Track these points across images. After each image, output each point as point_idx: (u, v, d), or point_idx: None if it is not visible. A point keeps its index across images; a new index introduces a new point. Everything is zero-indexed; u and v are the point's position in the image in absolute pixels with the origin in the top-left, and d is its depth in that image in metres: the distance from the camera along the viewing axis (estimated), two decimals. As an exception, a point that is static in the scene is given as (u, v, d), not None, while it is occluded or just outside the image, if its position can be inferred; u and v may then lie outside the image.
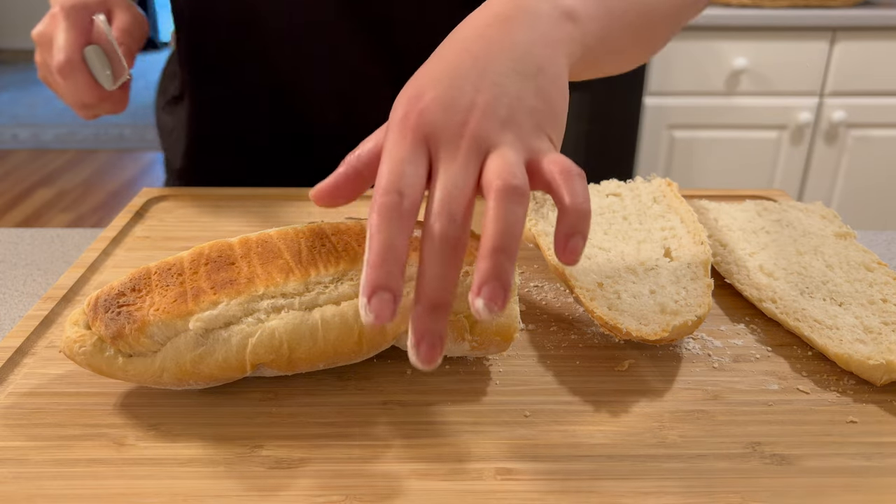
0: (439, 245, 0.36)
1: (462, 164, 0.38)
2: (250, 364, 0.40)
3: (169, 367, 0.39)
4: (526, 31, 0.43)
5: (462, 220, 0.37)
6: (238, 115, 0.79)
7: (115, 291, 0.41)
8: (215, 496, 0.35)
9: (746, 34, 1.79)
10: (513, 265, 0.35)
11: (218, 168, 0.82)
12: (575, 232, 0.37)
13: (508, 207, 0.36)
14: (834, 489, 0.36)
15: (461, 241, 0.36)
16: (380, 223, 0.36)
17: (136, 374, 0.40)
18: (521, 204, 0.37)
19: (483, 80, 0.40)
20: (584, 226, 0.37)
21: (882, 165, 1.92)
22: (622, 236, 0.54)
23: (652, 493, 0.35)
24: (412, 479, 0.36)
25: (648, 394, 0.42)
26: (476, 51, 0.42)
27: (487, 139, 0.39)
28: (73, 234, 0.68)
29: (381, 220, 0.36)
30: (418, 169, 0.38)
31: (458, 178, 0.38)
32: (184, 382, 0.40)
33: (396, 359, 0.45)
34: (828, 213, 0.60)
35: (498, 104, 0.40)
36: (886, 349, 0.43)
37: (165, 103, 0.87)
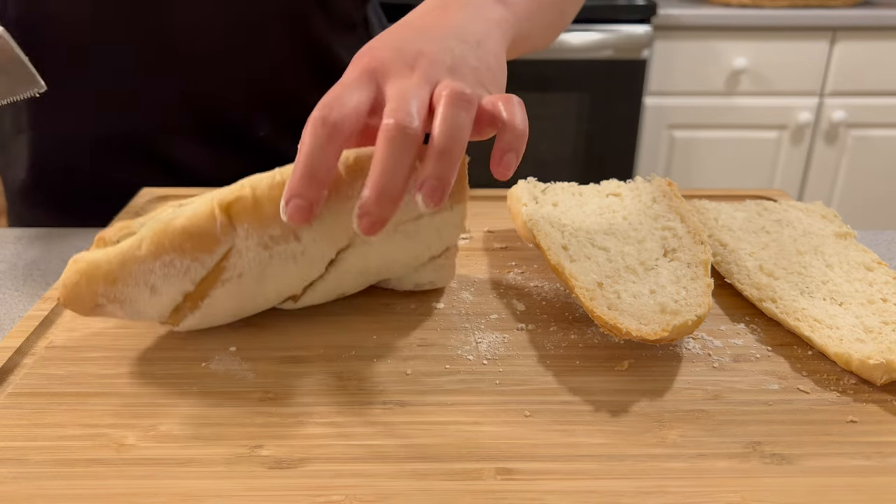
0: (392, 134, 0.39)
1: (415, 83, 0.42)
2: (219, 209, 0.41)
3: (146, 235, 0.41)
4: (464, 12, 0.48)
5: (417, 117, 0.40)
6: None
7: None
8: (215, 496, 0.35)
9: (746, 34, 1.79)
10: (455, 167, 0.40)
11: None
12: (510, 149, 0.41)
13: (455, 112, 0.40)
14: (834, 489, 0.36)
15: (414, 137, 0.40)
16: (305, 136, 0.40)
17: (118, 257, 0.41)
18: (468, 111, 0.40)
19: (429, 42, 0.45)
20: (519, 144, 0.41)
21: (882, 165, 1.93)
22: (622, 236, 0.54)
23: (652, 493, 0.35)
24: (412, 479, 0.36)
25: (648, 393, 0.42)
26: (420, 25, 0.46)
27: (436, 76, 0.43)
28: (73, 234, 0.68)
29: (306, 133, 0.40)
30: (360, 94, 0.42)
31: (411, 88, 0.42)
32: (161, 252, 0.41)
33: (396, 359, 0.45)
34: (828, 212, 0.60)
35: (444, 56, 0.44)
36: (886, 349, 0.43)
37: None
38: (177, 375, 0.44)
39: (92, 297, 0.43)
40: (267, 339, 0.47)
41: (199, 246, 0.42)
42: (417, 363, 0.45)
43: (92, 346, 0.46)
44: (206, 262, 0.42)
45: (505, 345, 0.47)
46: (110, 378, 0.43)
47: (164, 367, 0.44)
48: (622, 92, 1.83)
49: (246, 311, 0.47)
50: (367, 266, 0.48)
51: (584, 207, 0.58)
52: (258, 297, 0.46)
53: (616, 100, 1.84)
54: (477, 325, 0.49)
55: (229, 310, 0.46)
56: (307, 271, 0.46)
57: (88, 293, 0.43)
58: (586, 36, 1.76)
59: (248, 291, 0.45)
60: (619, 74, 1.80)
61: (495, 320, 0.50)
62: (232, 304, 0.45)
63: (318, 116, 0.40)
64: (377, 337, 0.48)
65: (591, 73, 1.80)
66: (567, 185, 0.61)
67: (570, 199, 0.59)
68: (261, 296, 0.46)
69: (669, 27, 1.78)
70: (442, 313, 0.51)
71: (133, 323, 0.49)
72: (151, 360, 0.45)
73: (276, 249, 0.43)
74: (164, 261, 0.41)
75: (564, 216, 0.56)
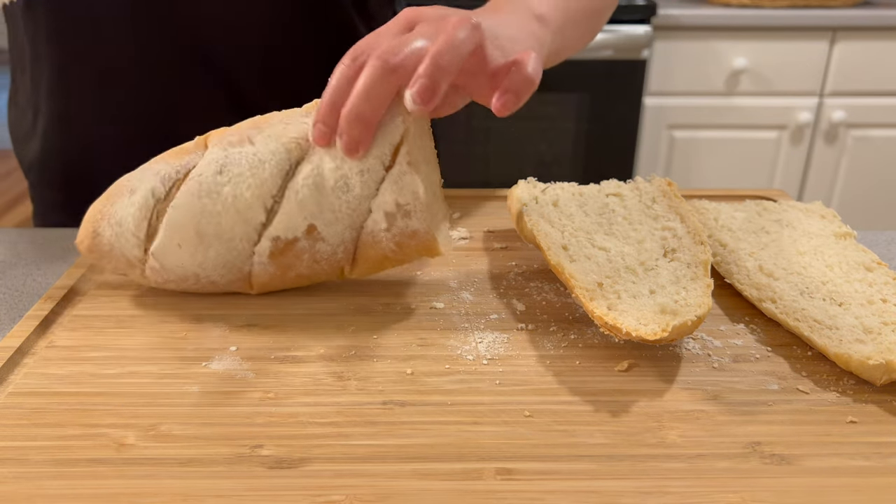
0: (374, 63, 0.44)
1: (427, 32, 0.45)
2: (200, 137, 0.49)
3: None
4: (508, 15, 0.51)
5: (402, 60, 0.44)
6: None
7: None
8: (215, 496, 0.35)
9: (746, 34, 1.79)
10: (446, 78, 0.43)
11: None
12: (514, 89, 0.45)
13: (459, 31, 0.44)
14: (834, 489, 0.36)
15: (394, 69, 0.44)
16: (334, 76, 0.46)
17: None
18: (472, 36, 0.44)
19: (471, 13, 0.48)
20: (523, 87, 0.45)
21: (882, 165, 1.93)
22: (622, 236, 0.54)
23: (652, 493, 0.35)
24: (412, 479, 0.36)
25: (648, 394, 0.42)
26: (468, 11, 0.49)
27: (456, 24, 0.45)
28: (73, 235, 0.68)
29: (334, 75, 0.46)
30: (390, 39, 0.46)
31: (417, 37, 0.45)
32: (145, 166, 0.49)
33: (396, 359, 0.45)
34: (827, 213, 0.60)
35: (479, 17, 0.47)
36: (886, 349, 0.43)
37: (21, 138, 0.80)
38: (177, 375, 0.44)
39: (92, 219, 0.50)
40: (267, 339, 0.47)
41: (173, 155, 0.50)
42: (417, 363, 0.45)
43: (92, 346, 0.46)
44: (175, 166, 0.49)
45: (505, 345, 0.47)
46: (110, 378, 0.43)
47: (164, 367, 0.44)
48: (622, 92, 1.83)
49: (206, 233, 0.48)
50: (324, 181, 0.47)
51: (584, 207, 0.58)
52: (217, 204, 0.47)
53: (616, 100, 1.84)
54: (477, 325, 0.49)
55: (191, 221, 0.48)
56: (259, 175, 0.47)
57: (91, 215, 0.50)
58: (586, 36, 1.76)
59: (206, 193, 0.47)
60: (619, 74, 1.80)
61: (495, 320, 0.50)
62: (193, 213, 0.48)
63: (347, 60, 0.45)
64: (377, 337, 0.48)
65: (591, 73, 1.80)
66: (567, 185, 0.61)
67: (570, 199, 0.59)
68: (220, 203, 0.47)
69: (669, 27, 1.78)
70: (442, 313, 0.51)
71: (133, 322, 0.49)
72: (151, 360, 0.45)
73: (232, 151, 0.48)
74: (143, 169, 0.50)
75: (564, 216, 0.56)
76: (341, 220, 0.48)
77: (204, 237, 0.48)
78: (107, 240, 0.49)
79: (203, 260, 0.49)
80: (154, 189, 0.48)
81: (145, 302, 0.52)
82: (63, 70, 0.70)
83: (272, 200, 0.48)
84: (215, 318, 0.50)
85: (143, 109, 0.72)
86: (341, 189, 0.47)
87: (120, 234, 0.49)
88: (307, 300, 0.52)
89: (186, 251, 0.48)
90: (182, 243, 0.48)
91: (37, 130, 0.75)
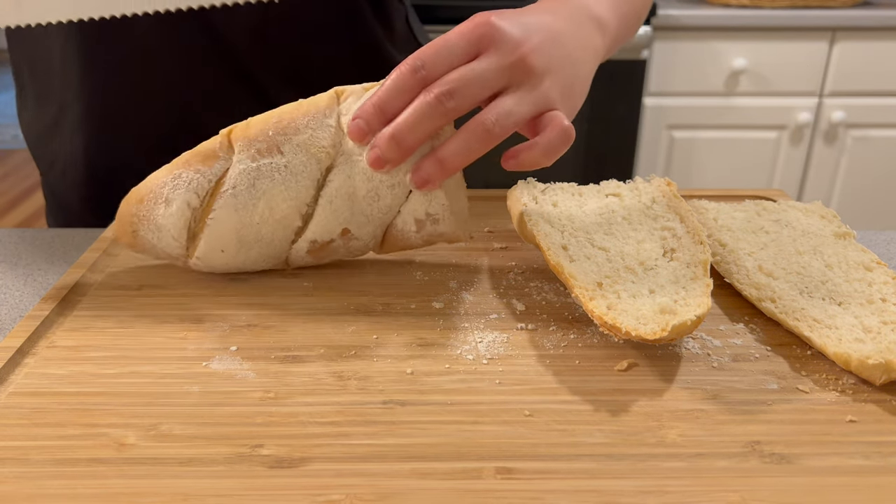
0: (433, 100, 0.45)
1: (494, 71, 0.46)
2: (222, 134, 0.50)
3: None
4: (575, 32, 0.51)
5: (464, 99, 0.45)
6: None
7: None
8: (215, 496, 0.35)
9: (746, 34, 1.79)
10: (449, 174, 0.47)
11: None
12: (529, 156, 0.47)
13: (473, 140, 0.46)
14: (833, 488, 0.36)
15: (446, 112, 0.45)
16: (390, 78, 0.47)
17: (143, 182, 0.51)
18: (486, 143, 0.46)
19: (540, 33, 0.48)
20: (538, 158, 0.47)
21: (882, 165, 1.93)
22: (622, 236, 0.54)
23: (652, 493, 0.35)
24: (412, 479, 0.36)
25: (648, 393, 0.42)
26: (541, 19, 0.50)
27: (528, 70, 0.47)
28: (73, 235, 0.68)
29: (391, 77, 0.47)
30: (455, 58, 0.46)
31: (481, 75, 0.46)
32: (173, 168, 0.50)
33: (396, 358, 0.45)
34: (827, 212, 0.60)
35: (551, 49, 0.48)
36: (885, 348, 0.43)
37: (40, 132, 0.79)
38: (177, 375, 0.44)
39: (129, 221, 0.52)
40: (267, 339, 0.47)
41: (200, 160, 0.50)
42: (417, 363, 0.45)
43: (92, 346, 0.47)
44: (206, 174, 0.50)
45: (505, 344, 0.47)
46: (110, 378, 0.43)
47: (165, 366, 0.44)
48: (622, 92, 1.83)
49: (247, 239, 0.51)
50: (356, 190, 0.50)
51: (584, 207, 0.58)
52: (255, 216, 0.50)
53: (616, 100, 1.84)
54: (477, 325, 0.49)
55: (232, 231, 0.50)
56: (294, 187, 0.49)
57: (126, 216, 0.52)
58: (586, 36, 1.76)
59: (243, 206, 0.50)
60: (619, 74, 1.80)
61: (495, 320, 0.50)
62: (232, 224, 0.50)
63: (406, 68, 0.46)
64: (377, 337, 0.48)
65: (591, 74, 1.80)
66: (567, 185, 0.61)
67: (569, 199, 0.59)
68: (257, 215, 0.50)
69: (669, 27, 1.78)
70: (442, 313, 0.51)
71: (133, 322, 0.49)
72: (151, 360, 0.45)
73: (262, 162, 0.49)
74: (175, 174, 0.50)
75: (564, 216, 0.56)
76: (372, 222, 0.51)
77: (245, 242, 0.51)
78: (148, 241, 0.52)
79: (245, 259, 0.53)
80: (189, 201, 0.50)
81: (145, 302, 0.52)
82: (93, 67, 0.70)
83: (307, 207, 0.51)
84: (215, 318, 0.50)
85: (172, 105, 0.72)
86: (372, 198, 0.50)
87: (161, 238, 0.51)
88: (307, 300, 0.52)
89: (229, 254, 0.52)
90: (225, 249, 0.51)
91: (62, 127, 0.75)
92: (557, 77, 0.48)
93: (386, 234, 0.52)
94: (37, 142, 0.79)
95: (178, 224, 0.50)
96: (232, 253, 0.51)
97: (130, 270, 0.56)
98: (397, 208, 0.50)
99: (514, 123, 0.47)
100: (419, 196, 0.50)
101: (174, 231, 0.51)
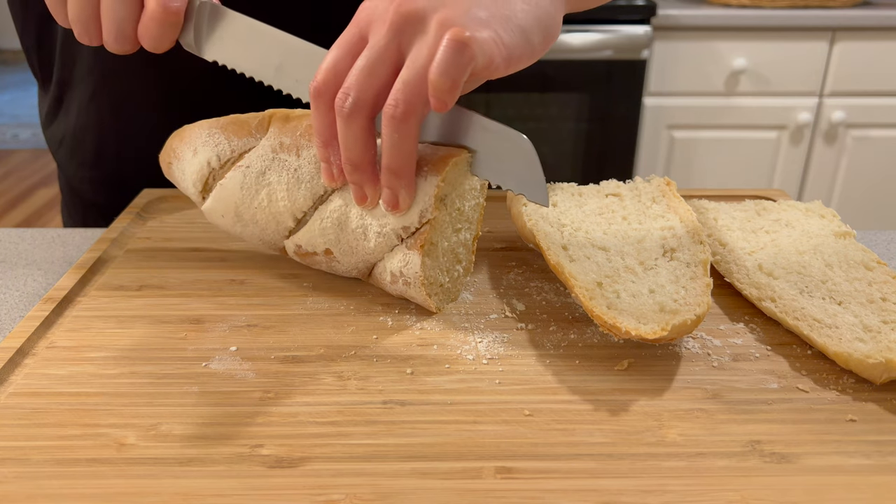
0: (338, 112, 0.44)
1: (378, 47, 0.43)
2: (263, 114, 0.52)
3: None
4: None
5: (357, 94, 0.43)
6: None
7: None
8: (215, 496, 0.35)
9: (746, 34, 1.79)
10: (403, 178, 0.45)
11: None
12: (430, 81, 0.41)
13: (391, 132, 0.43)
14: (833, 487, 0.36)
15: (353, 113, 0.43)
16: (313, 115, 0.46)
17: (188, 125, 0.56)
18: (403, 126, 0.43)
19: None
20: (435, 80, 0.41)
21: (881, 165, 1.93)
22: (622, 236, 0.54)
23: (652, 492, 0.35)
24: (412, 478, 0.36)
25: (648, 393, 0.42)
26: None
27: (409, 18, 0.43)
28: (73, 235, 0.68)
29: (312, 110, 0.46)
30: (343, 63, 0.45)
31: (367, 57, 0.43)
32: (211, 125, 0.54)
33: (396, 358, 0.45)
34: (827, 212, 0.60)
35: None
36: (886, 348, 0.43)
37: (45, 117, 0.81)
38: (177, 375, 0.44)
39: (169, 152, 0.56)
40: (267, 339, 0.47)
41: (235, 129, 0.53)
42: (417, 363, 0.45)
43: (92, 346, 0.47)
44: (234, 144, 0.53)
45: (505, 344, 0.47)
46: (110, 378, 0.43)
47: (164, 367, 0.44)
48: (622, 92, 1.83)
49: (244, 217, 0.53)
50: (348, 221, 0.50)
51: (584, 207, 0.58)
52: (254, 201, 0.52)
53: (616, 100, 1.84)
54: (477, 325, 0.49)
55: (232, 204, 0.53)
56: (294, 191, 0.50)
57: (169, 148, 0.56)
58: (586, 36, 1.76)
59: (247, 187, 0.52)
60: (619, 75, 1.80)
61: (495, 320, 0.50)
62: (234, 198, 0.52)
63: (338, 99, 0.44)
64: (377, 337, 0.48)
65: (591, 74, 1.80)
66: (567, 186, 0.61)
67: (569, 199, 0.59)
68: (256, 201, 0.52)
69: (669, 27, 1.78)
70: (442, 313, 0.51)
71: (133, 323, 0.49)
72: (151, 360, 0.45)
73: (280, 156, 0.51)
74: (210, 132, 0.54)
75: (564, 216, 0.56)
76: (356, 255, 0.51)
77: (241, 218, 0.53)
78: (176, 175, 0.56)
79: (241, 232, 0.55)
80: (210, 160, 0.53)
81: (145, 302, 0.52)
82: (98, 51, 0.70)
83: (302, 214, 0.51)
84: (215, 319, 0.50)
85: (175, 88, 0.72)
86: (360, 235, 0.50)
87: (183, 179, 0.56)
88: (307, 300, 0.52)
89: (228, 222, 0.54)
90: (224, 216, 0.54)
91: (70, 107, 0.76)
92: (453, 5, 0.43)
93: (371, 272, 0.52)
94: (46, 122, 0.80)
95: (196, 175, 0.54)
96: (230, 223, 0.54)
97: (130, 270, 0.56)
98: (381, 255, 0.50)
99: (421, 85, 0.42)
100: (399, 254, 0.49)
101: (193, 178, 0.55)
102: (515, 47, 0.44)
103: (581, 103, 1.85)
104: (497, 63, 0.43)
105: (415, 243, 0.48)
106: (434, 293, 0.50)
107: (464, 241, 0.53)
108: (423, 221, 0.47)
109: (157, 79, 0.73)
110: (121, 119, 0.75)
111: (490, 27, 0.43)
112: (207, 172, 0.54)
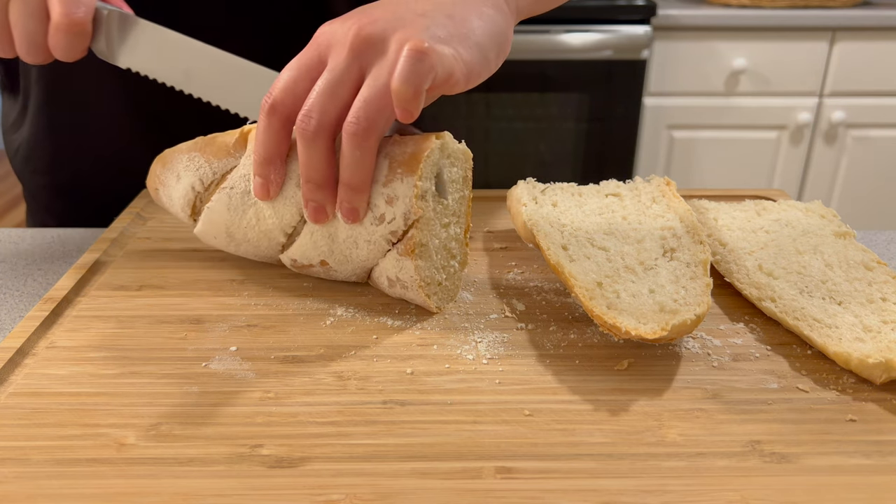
0: (299, 132, 0.44)
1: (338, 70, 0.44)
2: (240, 133, 0.51)
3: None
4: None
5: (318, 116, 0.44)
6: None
7: None
8: (215, 496, 0.35)
9: (746, 34, 1.79)
10: (360, 192, 0.46)
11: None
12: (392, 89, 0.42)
13: (351, 148, 0.44)
14: (833, 487, 0.36)
15: (315, 134, 0.44)
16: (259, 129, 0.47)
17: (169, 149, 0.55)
18: (363, 142, 0.44)
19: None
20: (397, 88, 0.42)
21: (881, 165, 1.93)
22: (621, 236, 0.54)
23: (652, 492, 0.35)
24: (412, 478, 0.36)
25: (648, 392, 0.42)
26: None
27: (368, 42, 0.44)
28: (73, 235, 0.68)
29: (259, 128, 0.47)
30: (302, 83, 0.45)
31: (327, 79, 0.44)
32: (191, 149, 0.53)
33: (396, 358, 0.45)
34: (827, 212, 0.60)
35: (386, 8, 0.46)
36: (885, 348, 0.43)
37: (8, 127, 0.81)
38: (177, 375, 0.44)
39: (154, 178, 0.56)
40: (267, 339, 0.47)
41: (215, 151, 0.52)
42: (417, 363, 0.45)
43: (92, 346, 0.47)
44: (214, 166, 0.52)
45: (505, 344, 0.47)
46: (110, 378, 0.43)
47: (164, 367, 0.44)
48: (622, 92, 1.83)
49: (235, 237, 0.53)
50: (337, 232, 0.49)
51: (584, 207, 0.58)
52: (243, 220, 0.52)
53: (616, 100, 1.84)
54: (477, 325, 0.49)
55: (223, 223, 0.53)
56: (280, 208, 0.50)
57: (153, 174, 0.56)
58: (586, 36, 1.76)
59: (234, 208, 0.52)
60: (619, 75, 1.80)
61: (495, 320, 0.50)
62: (224, 220, 0.53)
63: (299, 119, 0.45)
64: (377, 337, 0.48)
65: (591, 74, 1.80)
66: (567, 186, 0.61)
67: (569, 199, 0.59)
68: (245, 221, 0.52)
69: (669, 27, 1.78)
70: (442, 313, 0.51)
71: (133, 322, 0.49)
72: (151, 360, 0.45)
73: None
74: (189, 156, 0.53)
75: (564, 216, 0.56)
76: (352, 263, 0.51)
77: (234, 238, 0.54)
78: (164, 201, 0.57)
79: (237, 251, 0.55)
80: (194, 185, 0.54)
81: (145, 302, 0.52)
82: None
83: (292, 229, 0.51)
84: (215, 319, 0.50)
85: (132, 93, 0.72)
86: (351, 245, 0.50)
87: (171, 205, 0.56)
88: (307, 300, 0.52)
89: (222, 243, 0.55)
90: (217, 237, 0.54)
91: (25, 114, 0.76)
92: (412, 26, 0.44)
93: (370, 275, 0.52)
94: (10, 130, 0.81)
95: (183, 200, 0.55)
96: (223, 243, 0.54)
97: (130, 270, 0.56)
98: (375, 261, 0.50)
99: (382, 101, 0.44)
100: (392, 259, 0.49)
101: (180, 203, 0.55)
102: (475, 64, 0.46)
103: (581, 103, 1.85)
104: (457, 78, 0.45)
105: (405, 249, 0.48)
106: (433, 292, 0.50)
107: (455, 235, 0.53)
108: (409, 223, 0.47)
109: (108, 83, 0.72)
110: (75, 126, 0.75)
111: (450, 44, 0.45)
112: (193, 196, 0.54)
